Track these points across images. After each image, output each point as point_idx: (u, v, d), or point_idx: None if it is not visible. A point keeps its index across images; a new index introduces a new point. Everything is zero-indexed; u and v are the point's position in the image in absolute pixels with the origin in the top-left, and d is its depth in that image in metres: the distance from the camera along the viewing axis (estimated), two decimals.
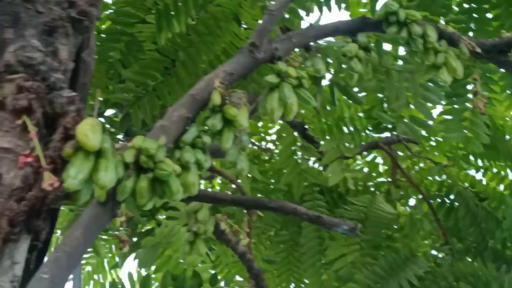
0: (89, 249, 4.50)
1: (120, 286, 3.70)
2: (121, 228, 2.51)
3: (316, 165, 5.18)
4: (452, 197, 4.90)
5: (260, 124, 5.23)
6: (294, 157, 4.45)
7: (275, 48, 2.33)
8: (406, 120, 3.99)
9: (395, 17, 2.55)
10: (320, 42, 3.04)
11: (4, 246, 1.39)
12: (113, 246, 5.27)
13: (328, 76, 4.76)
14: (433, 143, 5.23)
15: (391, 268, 4.04)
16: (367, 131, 5.01)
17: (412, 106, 4.18)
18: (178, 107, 2.08)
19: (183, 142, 2.01)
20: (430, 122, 4.04)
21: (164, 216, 4.57)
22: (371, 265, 4.03)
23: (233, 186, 4.53)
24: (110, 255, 5.63)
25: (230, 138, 2.10)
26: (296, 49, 2.49)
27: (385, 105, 4.54)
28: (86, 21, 1.67)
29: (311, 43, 2.53)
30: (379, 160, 5.61)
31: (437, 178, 5.14)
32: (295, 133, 4.38)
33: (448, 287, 4.07)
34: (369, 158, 5.62)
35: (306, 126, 4.23)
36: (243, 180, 3.48)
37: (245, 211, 3.22)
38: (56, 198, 1.36)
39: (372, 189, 4.97)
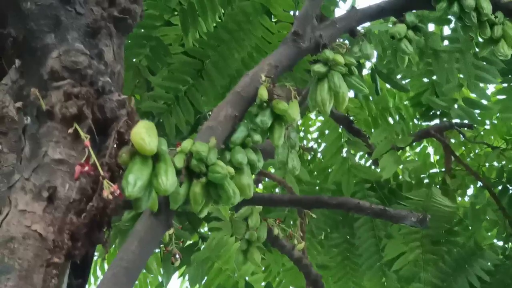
0: None
1: None
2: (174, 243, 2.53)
3: (363, 161, 5.17)
4: None
5: (299, 121, 5.21)
6: (341, 154, 4.43)
7: (319, 35, 2.31)
8: (460, 104, 3.94)
9: None
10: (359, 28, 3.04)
11: (66, 263, 1.40)
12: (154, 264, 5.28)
13: (368, 64, 4.79)
14: (488, 127, 5.16)
15: (457, 264, 4.00)
16: (415, 120, 4.98)
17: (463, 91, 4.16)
18: (224, 106, 2.07)
19: (233, 143, 2.01)
20: (485, 102, 3.99)
21: (206, 229, 4.59)
22: (434, 262, 3.99)
23: (276, 190, 4.54)
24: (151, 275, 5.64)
25: (282, 135, 2.10)
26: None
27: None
28: (128, 19, 1.68)
29: (357, 28, 2.51)
30: (429, 150, 5.58)
31: (495, 164, 5.07)
32: (339, 129, 4.35)
33: None
34: (418, 150, 5.58)
35: (352, 119, 4.20)
36: (291, 182, 3.46)
37: (297, 214, 3.22)
38: (117, 208, 1.37)
39: (426, 181, 4.92)
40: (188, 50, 4.15)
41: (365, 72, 4.70)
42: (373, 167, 4.82)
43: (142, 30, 4.31)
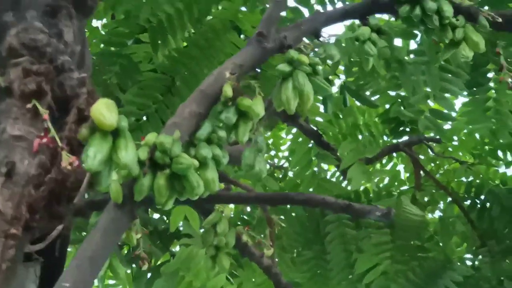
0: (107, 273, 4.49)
1: None
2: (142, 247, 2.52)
3: (334, 179, 5.19)
4: (483, 197, 4.87)
5: (270, 141, 5.24)
6: (311, 168, 4.44)
7: (283, 36, 2.33)
8: (427, 115, 3.99)
9: None
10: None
11: (26, 235, 1.39)
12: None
13: (338, 82, 4.83)
14: (456, 143, 5.22)
15: (427, 276, 4.01)
16: (385, 137, 5.02)
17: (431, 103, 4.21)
18: (189, 103, 2.08)
19: (197, 139, 2.01)
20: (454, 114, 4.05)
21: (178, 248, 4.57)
22: (404, 273, 4.00)
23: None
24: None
25: (247, 131, 2.10)
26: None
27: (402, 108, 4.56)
28: (89, 1, 1.69)
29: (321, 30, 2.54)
30: (400, 168, 5.61)
31: (464, 179, 5.12)
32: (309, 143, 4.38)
33: None
34: (388, 167, 5.62)
35: (321, 133, 4.23)
36: (260, 191, 3.48)
37: (267, 223, 3.22)
38: (76, 183, 1.36)
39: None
40: (157, 67, 4.17)
41: (334, 89, 4.76)
42: (345, 183, 4.84)
43: (112, 48, 4.33)
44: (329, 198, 2.09)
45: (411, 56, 3.86)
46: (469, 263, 4.65)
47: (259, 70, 4.01)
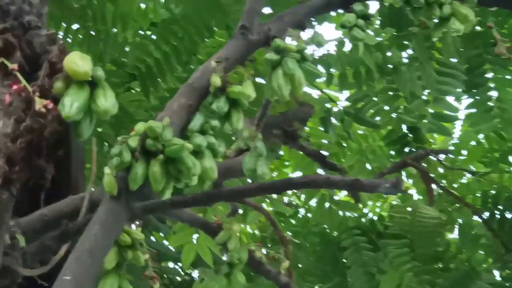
0: None
1: None
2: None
3: None
4: (501, 206, 4.75)
5: (275, 174, 5.17)
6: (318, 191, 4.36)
7: (267, 28, 2.30)
8: (429, 118, 3.94)
9: None
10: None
11: (5, 187, 1.31)
12: None
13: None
14: (463, 158, 5.13)
15: (453, 286, 3.87)
16: (391, 159, 4.95)
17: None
18: (177, 98, 2.04)
19: (190, 131, 1.96)
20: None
21: None
22: (430, 283, 3.86)
23: None
24: None
25: (240, 118, 2.05)
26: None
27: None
28: None
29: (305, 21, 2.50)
30: (412, 191, 5.51)
31: (478, 194, 5.01)
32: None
33: None
34: None
35: (325, 153, 4.15)
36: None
37: (280, 242, 3.13)
38: (55, 133, 1.29)
39: None
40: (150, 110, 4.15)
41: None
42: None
43: None
44: (334, 177, 2.02)
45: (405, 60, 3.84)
46: (496, 272, 4.51)
47: None
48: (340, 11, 2.61)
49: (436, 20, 2.57)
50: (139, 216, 1.92)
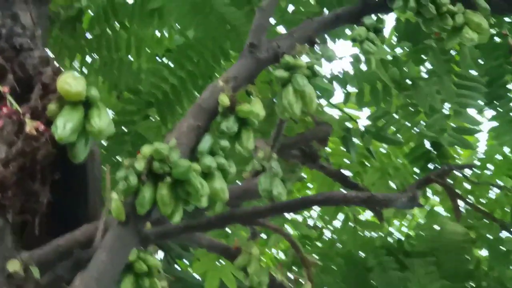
0: None
1: None
2: None
3: None
4: None
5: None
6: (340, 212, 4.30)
7: (276, 45, 2.27)
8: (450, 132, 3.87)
9: None
10: None
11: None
12: None
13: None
14: (490, 172, 5.04)
15: None
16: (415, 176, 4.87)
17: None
18: (186, 118, 2.01)
19: (200, 153, 1.91)
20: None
21: None
22: None
23: None
24: None
25: (251, 138, 2.00)
26: None
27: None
28: None
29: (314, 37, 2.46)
30: (438, 209, 5.41)
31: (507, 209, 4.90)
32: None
33: None
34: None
35: (345, 173, 4.09)
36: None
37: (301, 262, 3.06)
38: (48, 156, 1.25)
39: None
40: None
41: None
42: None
43: (123, 127, 4.28)
44: (350, 194, 1.97)
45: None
46: None
47: None
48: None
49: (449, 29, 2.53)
50: (151, 241, 1.88)
